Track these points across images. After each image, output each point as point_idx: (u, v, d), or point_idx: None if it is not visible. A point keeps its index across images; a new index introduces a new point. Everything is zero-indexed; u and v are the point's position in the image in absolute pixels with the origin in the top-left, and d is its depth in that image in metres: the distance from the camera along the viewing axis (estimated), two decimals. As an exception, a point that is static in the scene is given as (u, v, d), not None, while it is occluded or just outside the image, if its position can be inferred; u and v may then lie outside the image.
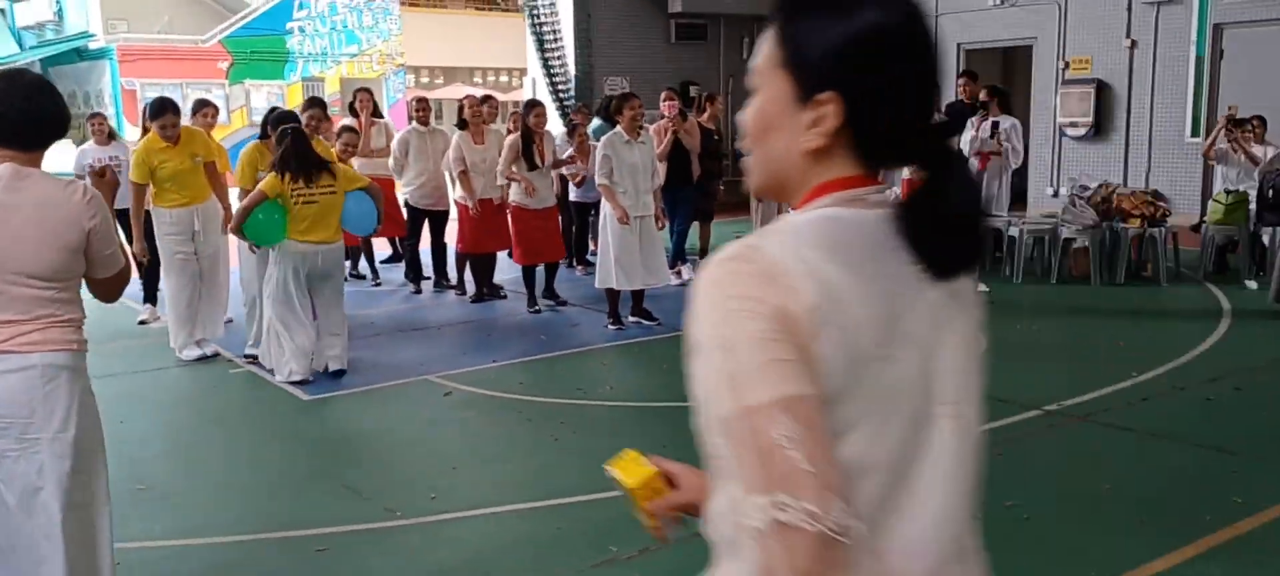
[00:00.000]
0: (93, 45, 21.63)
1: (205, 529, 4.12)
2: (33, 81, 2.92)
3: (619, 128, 7.38)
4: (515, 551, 3.88)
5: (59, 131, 2.92)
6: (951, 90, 11.59)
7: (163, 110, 6.67)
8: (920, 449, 1.15)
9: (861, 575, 1.09)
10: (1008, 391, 5.74)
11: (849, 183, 1.18)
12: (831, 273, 1.08)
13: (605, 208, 7.44)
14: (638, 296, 7.67)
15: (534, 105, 8.31)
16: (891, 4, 1.15)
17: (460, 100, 8.48)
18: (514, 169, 7.90)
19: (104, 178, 3.12)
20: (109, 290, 3.04)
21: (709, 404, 1.09)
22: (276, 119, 6.75)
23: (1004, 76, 14.59)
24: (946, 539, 1.17)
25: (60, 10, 22.90)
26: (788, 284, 1.06)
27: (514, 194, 8.02)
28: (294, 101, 21.32)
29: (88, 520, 2.92)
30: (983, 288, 8.87)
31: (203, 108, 7.72)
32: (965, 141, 10.13)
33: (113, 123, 10.34)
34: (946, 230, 1.16)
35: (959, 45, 13.95)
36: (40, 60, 23.05)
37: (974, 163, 10.21)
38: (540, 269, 8.31)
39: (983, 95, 10.10)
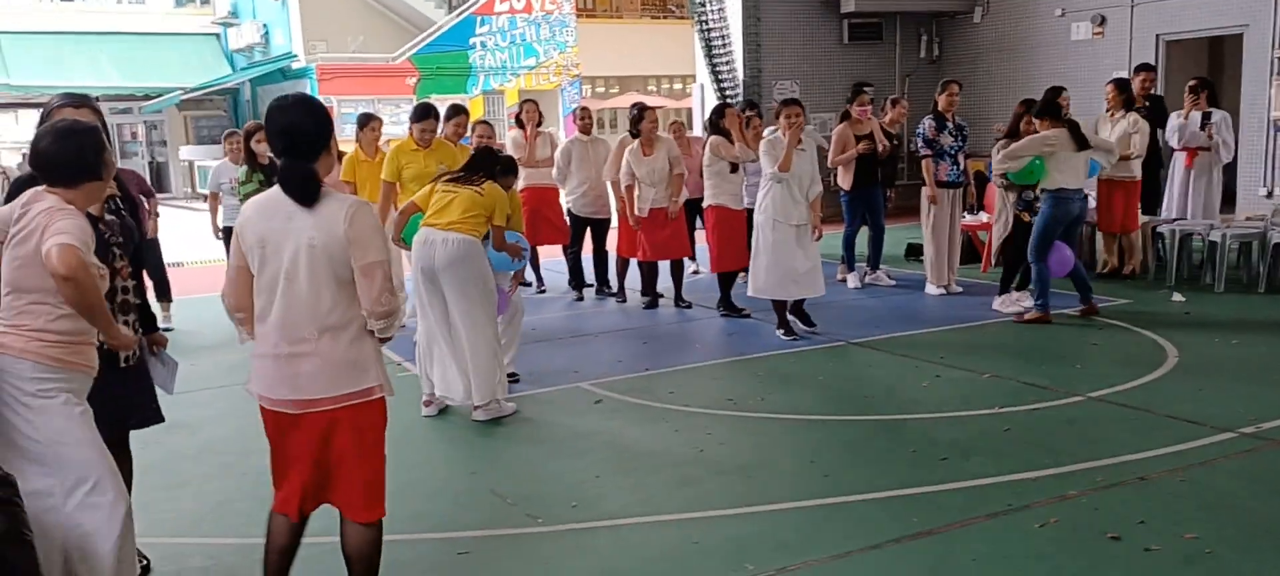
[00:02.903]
0: (295, 65, 23.15)
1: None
2: (63, 127, 3.14)
3: (778, 133, 7.20)
4: (649, 564, 3.82)
5: (78, 174, 3.09)
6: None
7: (425, 115, 7.23)
8: (278, 287, 3.03)
9: (261, 332, 3.11)
10: (1197, 412, 5.24)
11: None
12: (249, 216, 3.10)
13: (760, 215, 7.25)
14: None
15: (726, 108, 8.31)
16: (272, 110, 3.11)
17: (632, 110, 8.45)
18: (710, 168, 7.90)
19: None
20: None
21: None
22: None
23: (1211, 68, 13.44)
24: (293, 323, 3.03)
25: (267, 33, 24.65)
26: (238, 219, 3.16)
27: (714, 194, 7.94)
28: (477, 114, 22.13)
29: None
30: (1179, 297, 8.16)
31: (369, 121, 8.07)
32: (1171, 131, 9.51)
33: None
34: (287, 184, 3.03)
35: (1158, 37, 12.96)
36: (250, 80, 24.92)
37: (1180, 158, 9.53)
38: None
39: (1191, 83, 9.64)
